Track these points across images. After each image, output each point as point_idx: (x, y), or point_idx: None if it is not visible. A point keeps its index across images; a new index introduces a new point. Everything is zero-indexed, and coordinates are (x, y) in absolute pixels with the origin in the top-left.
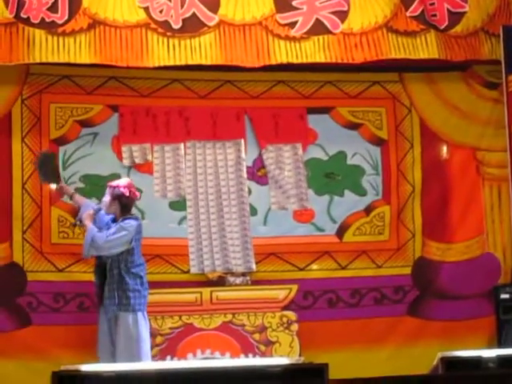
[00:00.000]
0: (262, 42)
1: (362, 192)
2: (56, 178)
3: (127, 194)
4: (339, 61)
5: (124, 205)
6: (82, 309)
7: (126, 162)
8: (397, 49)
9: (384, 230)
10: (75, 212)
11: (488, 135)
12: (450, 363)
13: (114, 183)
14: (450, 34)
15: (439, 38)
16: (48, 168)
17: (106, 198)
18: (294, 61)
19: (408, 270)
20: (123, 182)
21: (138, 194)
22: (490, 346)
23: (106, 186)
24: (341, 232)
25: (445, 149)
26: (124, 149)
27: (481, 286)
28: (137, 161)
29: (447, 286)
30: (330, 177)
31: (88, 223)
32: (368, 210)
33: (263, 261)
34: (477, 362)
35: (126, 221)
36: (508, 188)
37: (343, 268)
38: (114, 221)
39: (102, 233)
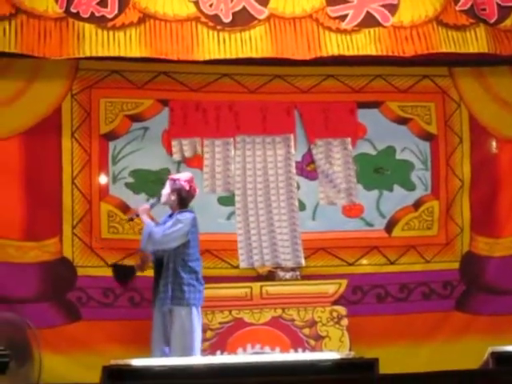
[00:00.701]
0: (312, 35)
1: (410, 187)
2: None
3: (187, 188)
4: (390, 53)
5: (182, 199)
6: (132, 303)
7: (176, 156)
8: (447, 42)
9: (433, 225)
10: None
11: None
12: (500, 358)
13: (176, 176)
14: (500, 27)
15: (488, 32)
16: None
17: (166, 190)
18: (346, 53)
19: (456, 265)
20: (185, 176)
21: (197, 189)
22: None
23: (167, 179)
24: (390, 227)
25: (494, 144)
26: (174, 143)
27: None
28: (186, 154)
29: (494, 280)
30: (378, 172)
31: (145, 218)
32: (417, 204)
33: (312, 256)
34: None
35: (182, 214)
36: None
37: (392, 263)
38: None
39: (159, 227)
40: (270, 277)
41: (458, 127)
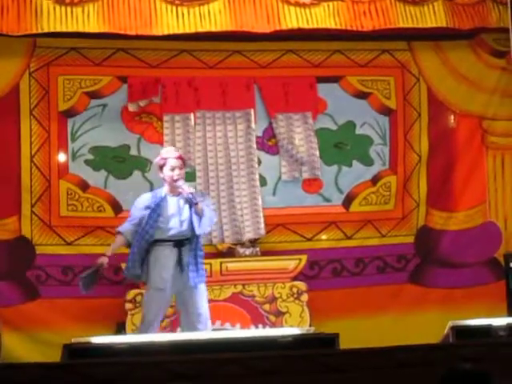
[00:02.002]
0: (271, 8)
1: (369, 162)
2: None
3: None
4: (348, 28)
5: None
6: None
7: (132, 108)
8: (405, 17)
9: (390, 200)
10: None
11: (494, 104)
12: (460, 331)
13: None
14: (458, 2)
15: (447, 6)
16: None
17: (183, 171)
18: (305, 26)
19: (411, 239)
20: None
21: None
22: (491, 314)
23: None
24: (347, 202)
25: (451, 118)
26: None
27: (482, 254)
28: (142, 104)
29: (449, 254)
30: (338, 147)
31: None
32: (375, 179)
33: (272, 231)
34: (487, 330)
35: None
36: (511, 157)
37: (349, 238)
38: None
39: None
40: (229, 253)
41: (416, 102)
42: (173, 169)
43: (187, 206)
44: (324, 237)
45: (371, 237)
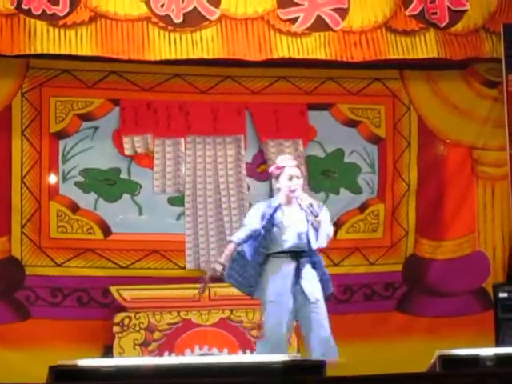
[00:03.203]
0: (263, 37)
1: (357, 190)
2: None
3: None
4: (339, 58)
5: None
6: (80, 303)
7: (128, 152)
8: (395, 48)
9: (378, 228)
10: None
11: (485, 134)
12: (447, 361)
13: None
14: (451, 32)
15: (439, 37)
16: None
17: (301, 181)
18: (296, 56)
19: (399, 267)
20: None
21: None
22: (478, 344)
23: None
24: (335, 229)
25: (441, 147)
26: (125, 139)
27: (470, 283)
28: (139, 150)
29: (437, 282)
30: (326, 174)
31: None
32: (363, 207)
33: None
34: (475, 360)
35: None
36: (501, 187)
37: (336, 265)
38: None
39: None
40: (218, 278)
41: (406, 131)
42: (290, 178)
43: (304, 217)
44: None
45: (359, 264)
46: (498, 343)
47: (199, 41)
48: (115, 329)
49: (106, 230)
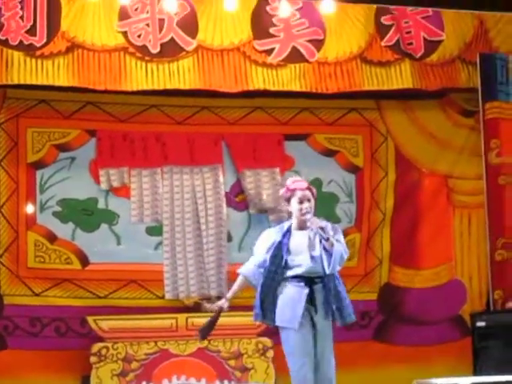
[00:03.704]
0: (239, 68)
1: (335, 220)
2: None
3: None
4: (313, 90)
5: None
6: (58, 333)
7: (104, 185)
8: (370, 80)
9: (353, 257)
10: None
11: (461, 163)
12: None
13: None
14: (426, 62)
15: (414, 67)
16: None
17: (312, 203)
18: (271, 88)
19: (374, 296)
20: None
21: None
22: (458, 372)
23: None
24: None
25: (418, 176)
26: (101, 172)
27: (447, 311)
28: (114, 184)
29: (414, 311)
30: None
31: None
32: None
33: None
34: None
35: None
36: (478, 215)
37: None
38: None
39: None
40: (195, 308)
41: (383, 160)
42: (301, 201)
43: (318, 241)
44: None
45: None
46: (476, 372)
47: (176, 71)
48: (93, 359)
49: (84, 260)
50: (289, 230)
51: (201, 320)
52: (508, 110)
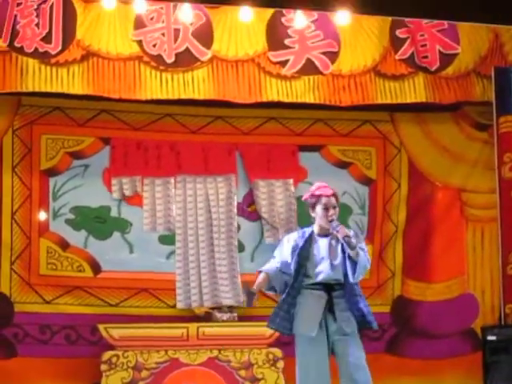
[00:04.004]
0: (254, 79)
1: None
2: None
3: None
4: (327, 102)
5: None
6: (68, 341)
7: (116, 194)
8: (383, 93)
9: None
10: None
11: (475, 176)
12: None
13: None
14: (441, 75)
15: (428, 81)
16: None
17: (337, 210)
18: (285, 99)
19: (387, 309)
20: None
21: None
22: None
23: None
24: None
25: (431, 189)
26: (114, 181)
27: (459, 325)
28: (126, 193)
29: (425, 324)
30: None
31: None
32: None
33: None
34: None
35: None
36: (490, 229)
37: None
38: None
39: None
40: (206, 318)
41: (397, 173)
42: (326, 208)
43: (340, 249)
44: None
45: None
46: None
47: (190, 81)
48: (103, 367)
49: (96, 268)
50: (311, 236)
51: (212, 329)
52: None
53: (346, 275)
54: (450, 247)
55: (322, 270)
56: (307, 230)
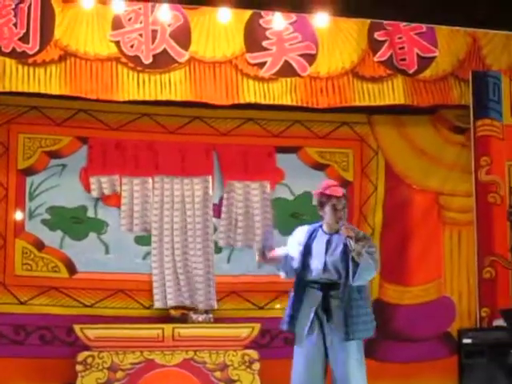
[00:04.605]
0: (231, 81)
1: None
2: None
3: None
4: (304, 104)
5: None
6: (43, 341)
7: (95, 192)
8: (361, 95)
9: None
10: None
11: (452, 180)
12: None
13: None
14: (419, 78)
15: (406, 83)
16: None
17: (345, 211)
18: (262, 101)
19: None
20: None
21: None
22: None
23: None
24: None
25: (408, 192)
26: (92, 180)
27: (436, 328)
28: (105, 192)
29: (403, 328)
30: (295, 216)
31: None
32: None
33: (225, 299)
34: None
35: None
36: (467, 233)
37: None
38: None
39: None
40: (182, 319)
41: (373, 175)
42: (335, 209)
43: (341, 249)
44: (278, 305)
45: None
46: None
47: (167, 83)
48: (78, 368)
49: (72, 269)
50: (316, 232)
51: (187, 331)
52: (499, 128)
53: (345, 278)
54: (428, 250)
55: (315, 268)
56: (316, 226)
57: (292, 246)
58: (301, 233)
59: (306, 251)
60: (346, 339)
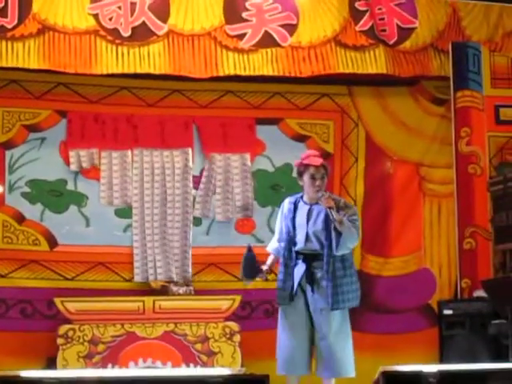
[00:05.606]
0: (210, 53)
1: None
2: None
3: None
4: (287, 74)
5: None
6: (24, 315)
7: (73, 166)
8: (345, 63)
9: None
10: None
11: (432, 151)
12: (391, 377)
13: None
14: (399, 49)
15: (388, 53)
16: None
17: (325, 181)
18: (242, 73)
19: None
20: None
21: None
22: (425, 360)
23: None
24: None
25: (389, 164)
26: (71, 153)
27: (416, 300)
28: (84, 165)
29: (383, 299)
30: (275, 189)
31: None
32: None
33: (204, 270)
34: (418, 376)
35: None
36: (448, 204)
37: None
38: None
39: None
40: (163, 291)
41: (354, 146)
42: (313, 178)
43: (322, 219)
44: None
45: None
46: (442, 360)
47: (146, 56)
48: (59, 341)
49: (52, 242)
50: (297, 203)
51: (168, 303)
52: (479, 99)
53: (328, 248)
54: (408, 222)
55: (300, 239)
56: (297, 197)
57: (281, 221)
58: (286, 205)
59: (291, 224)
60: (331, 309)
